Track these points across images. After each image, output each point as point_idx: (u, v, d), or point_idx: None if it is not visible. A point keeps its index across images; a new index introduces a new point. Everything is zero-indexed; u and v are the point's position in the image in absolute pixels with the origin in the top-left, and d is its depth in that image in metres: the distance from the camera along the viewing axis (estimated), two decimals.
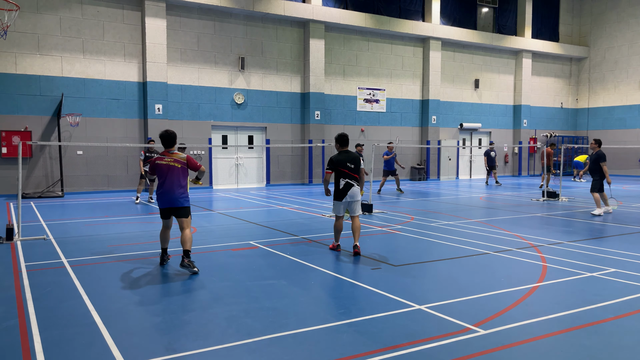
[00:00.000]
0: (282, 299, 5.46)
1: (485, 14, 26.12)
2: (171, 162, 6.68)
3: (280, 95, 20.70)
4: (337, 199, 7.62)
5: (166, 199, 6.68)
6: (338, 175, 7.56)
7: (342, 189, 7.53)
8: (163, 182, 6.68)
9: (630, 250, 7.93)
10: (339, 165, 7.54)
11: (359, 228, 7.71)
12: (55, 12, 16.57)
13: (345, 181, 7.54)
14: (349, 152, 7.73)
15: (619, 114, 27.65)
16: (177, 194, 6.68)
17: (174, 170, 6.67)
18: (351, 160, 7.60)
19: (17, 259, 7.33)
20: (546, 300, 5.42)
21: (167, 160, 6.69)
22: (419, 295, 5.62)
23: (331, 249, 7.95)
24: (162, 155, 6.80)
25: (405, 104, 23.88)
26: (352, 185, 7.55)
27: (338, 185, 7.57)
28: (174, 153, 6.80)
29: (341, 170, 7.54)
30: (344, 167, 7.54)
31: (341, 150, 7.74)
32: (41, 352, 4.06)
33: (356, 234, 7.61)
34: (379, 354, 4.00)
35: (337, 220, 7.78)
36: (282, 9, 19.80)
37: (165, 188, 6.66)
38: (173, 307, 5.20)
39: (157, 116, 17.90)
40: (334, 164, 7.56)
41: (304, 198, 16.04)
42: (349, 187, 7.55)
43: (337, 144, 7.79)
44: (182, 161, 6.74)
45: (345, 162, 7.54)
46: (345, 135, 7.82)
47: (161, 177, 6.69)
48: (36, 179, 16.59)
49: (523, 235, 9.21)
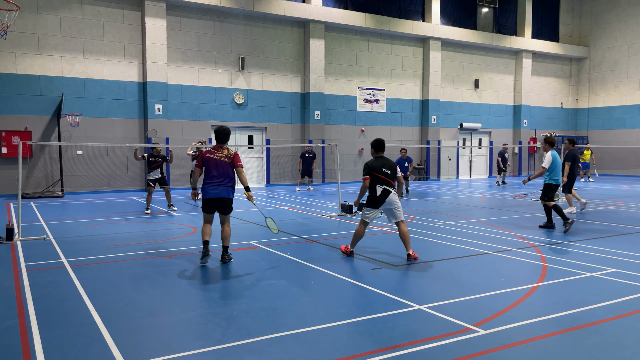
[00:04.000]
0: (282, 299, 5.46)
1: (485, 14, 26.12)
2: (223, 157, 6.97)
3: (280, 95, 20.70)
4: (373, 206, 7.27)
5: (215, 190, 6.88)
6: (374, 182, 7.22)
7: (379, 196, 7.21)
8: (213, 175, 6.91)
9: (630, 250, 7.92)
10: (374, 171, 7.22)
11: (408, 233, 7.39)
12: (55, 12, 16.57)
13: (383, 188, 7.20)
14: (384, 158, 7.40)
15: (619, 114, 27.65)
16: (227, 186, 6.95)
17: (223, 164, 6.96)
18: (387, 166, 7.33)
19: (17, 259, 7.32)
20: (546, 300, 5.42)
21: (218, 155, 6.96)
22: (419, 295, 5.62)
23: (343, 252, 7.62)
24: (214, 149, 7.03)
25: (405, 104, 23.88)
26: (390, 192, 7.24)
27: (374, 192, 7.22)
28: (225, 149, 7.07)
29: (377, 176, 7.22)
30: (380, 172, 7.24)
31: (377, 155, 7.43)
32: (41, 352, 4.06)
33: (407, 240, 7.32)
34: (379, 354, 4.00)
35: (361, 225, 7.43)
36: (282, 9, 19.80)
37: (215, 181, 6.89)
38: (173, 307, 5.20)
39: (157, 116, 17.90)
40: (370, 169, 7.24)
41: (304, 198, 16.04)
42: (387, 194, 7.22)
43: (373, 149, 7.49)
44: (230, 156, 7.02)
45: (380, 168, 7.25)
46: (381, 141, 7.49)
47: (210, 170, 6.93)
48: (36, 179, 16.59)
49: (523, 235, 9.21)
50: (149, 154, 12.80)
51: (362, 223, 7.44)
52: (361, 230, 7.43)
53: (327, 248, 8.15)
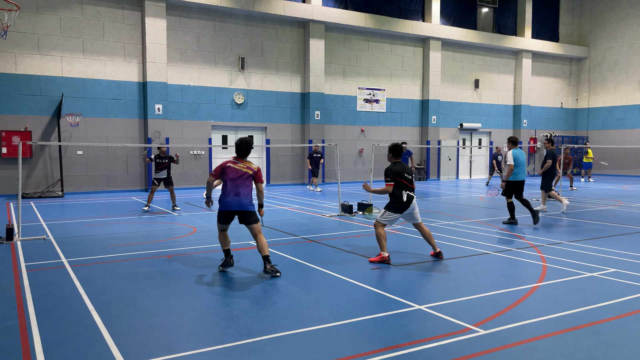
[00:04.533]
0: (282, 299, 5.46)
1: (485, 14, 26.12)
2: (244, 169, 6.67)
3: (280, 95, 20.70)
4: (398, 211, 7.23)
5: (236, 203, 6.56)
6: (399, 187, 7.19)
7: (405, 201, 7.20)
8: (233, 186, 6.58)
9: (630, 250, 7.93)
10: (398, 177, 7.19)
11: (430, 232, 7.61)
12: (55, 12, 16.57)
13: (407, 193, 7.21)
14: (402, 164, 7.39)
15: (618, 114, 27.65)
16: (248, 199, 6.65)
17: (245, 177, 6.65)
18: (408, 171, 7.36)
19: (17, 259, 7.32)
20: (546, 300, 5.41)
21: (239, 166, 6.68)
22: (419, 295, 5.62)
23: (379, 261, 7.14)
24: (235, 160, 6.76)
25: (405, 104, 23.88)
26: (413, 197, 7.30)
27: (400, 198, 7.18)
28: (247, 161, 6.83)
29: (401, 182, 7.20)
30: (403, 178, 7.24)
31: (395, 161, 7.37)
32: (41, 352, 4.06)
33: (432, 239, 7.46)
34: (379, 354, 4.00)
35: (382, 227, 7.28)
36: (282, 9, 19.80)
37: (235, 192, 6.56)
38: (173, 307, 5.20)
39: (157, 116, 17.90)
40: (394, 174, 7.18)
41: (304, 198, 16.04)
42: (411, 200, 7.27)
43: (391, 154, 7.40)
44: (254, 169, 6.75)
45: (403, 173, 7.25)
46: (400, 146, 7.46)
47: (231, 180, 6.60)
48: (36, 179, 16.59)
49: (523, 235, 9.21)
50: (155, 156, 13.00)
51: (381, 225, 7.29)
52: (382, 231, 7.27)
53: (327, 248, 8.15)
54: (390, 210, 7.28)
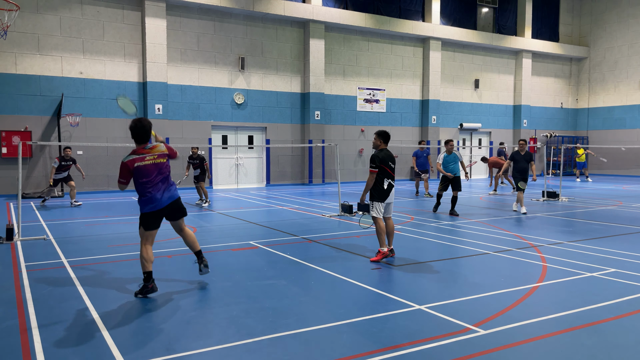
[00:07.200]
0: (282, 299, 5.46)
1: (485, 14, 26.12)
2: (156, 158, 5.61)
3: (280, 95, 20.69)
4: (380, 199, 7.12)
5: (166, 196, 5.65)
6: (381, 175, 7.08)
7: (386, 189, 7.11)
8: (154, 184, 5.59)
9: (630, 250, 7.92)
10: (383, 164, 7.08)
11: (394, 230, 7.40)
12: (55, 12, 16.57)
13: (389, 182, 7.12)
14: (389, 152, 7.28)
15: (618, 114, 27.65)
16: (173, 185, 5.84)
17: (163, 167, 5.67)
18: (392, 159, 7.25)
19: (17, 259, 7.33)
20: (546, 300, 5.41)
21: (150, 158, 5.56)
22: (419, 295, 5.62)
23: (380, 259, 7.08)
24: (140, 153, 5.56)
25: (405, 104, 23.88)
26: (393, 186, 7.18)
27: (382, 185, 7.07)
28: (153, 146, 5.64)
29: (385, 170, 7.09)
30: (387, 166, 7.15)
31: (382, 147, 7.28)
32: (41, 352, 4.06)
33: (392, 236, 7.30)
34: (379, 354, 4.00)
35: (379, 221, 7.14)
36: (282, 9, 19.80)
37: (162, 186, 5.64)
38: (173, 307, 5.20)
39: (157, 116, 17.89)
40: (380, 161, 7.04)
41: (304, 198, 16.04)
42: (391, 188, 7.17)
43: (381, 139, 7.26)
44: (163, 150, 5.69)
45: (387, 161, 7.15)
46: (388, 134, 7.33)
47: (149, 180, 5.57)
48: (36, 179, 16.58)
49: (523, 235, 9.21)
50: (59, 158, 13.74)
51: (379, 219, 7.17)
52: (382, 224, 7.15)
53: (327, 248, 8.15)
54: (375, 200, 7.21)
